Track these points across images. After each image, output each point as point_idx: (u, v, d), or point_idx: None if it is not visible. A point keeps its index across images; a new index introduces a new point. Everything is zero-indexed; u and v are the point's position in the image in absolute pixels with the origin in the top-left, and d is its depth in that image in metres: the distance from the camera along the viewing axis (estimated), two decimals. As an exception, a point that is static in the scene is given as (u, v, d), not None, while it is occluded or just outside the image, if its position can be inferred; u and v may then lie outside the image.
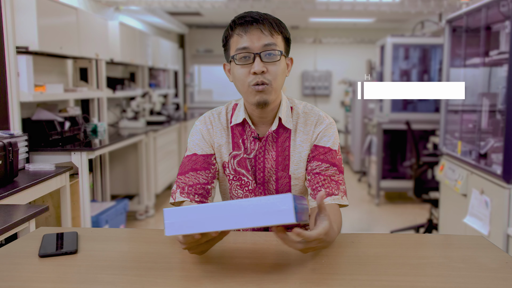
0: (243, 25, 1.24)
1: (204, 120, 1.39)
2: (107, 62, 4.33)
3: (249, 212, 0.93)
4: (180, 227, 0.95)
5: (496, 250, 1.15)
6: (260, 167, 1.33)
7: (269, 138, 1.33)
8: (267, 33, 1.23)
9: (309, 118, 1.35)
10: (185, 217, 0.95)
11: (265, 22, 1.23)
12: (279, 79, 1.26)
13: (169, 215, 0.96)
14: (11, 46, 2.63)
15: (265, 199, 0.93)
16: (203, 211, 0.95)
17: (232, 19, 1.27)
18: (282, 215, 0.91)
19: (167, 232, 0.96)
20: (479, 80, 2.94)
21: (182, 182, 1.31)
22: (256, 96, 1.24)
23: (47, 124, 3.08)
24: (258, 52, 1.22)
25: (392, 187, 5.02)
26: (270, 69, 1.23)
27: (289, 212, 0.91)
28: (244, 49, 1.23)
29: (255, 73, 1.22)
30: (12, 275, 0.99)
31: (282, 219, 0.91)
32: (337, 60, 7.96)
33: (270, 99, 1.26)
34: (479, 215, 2.62)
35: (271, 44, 1.23)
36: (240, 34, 1.24)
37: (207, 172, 1.32)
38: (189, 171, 1.32)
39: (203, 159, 1.33)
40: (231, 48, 1.27)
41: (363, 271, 1.01)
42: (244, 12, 1.27)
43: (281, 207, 0.91)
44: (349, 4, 4.69)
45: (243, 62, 1.24)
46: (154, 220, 4.39)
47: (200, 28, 7.82)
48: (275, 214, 0.91)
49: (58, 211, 2.80)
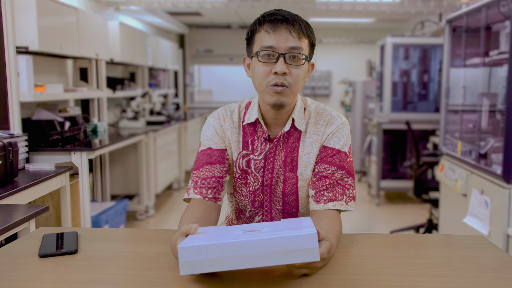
0: (273, 22, 1.21)
1: (217, 116, 1.36)
2: (107, 62, 4.33)
3: (271, 250, 0.87)
4: (196, 266, 0.89)
5: (496, 250, 1.15)
6: (269, 167, 1.31)
7: (280, 139, 1.30)
8: (295, 35, 1.20)
9: (320, 118, 1.32)
10: (201, 255, 0.89)
11: (295, 24, 1.21)
12: (300, 83, 1.23)
13: (184, 253, 0.89)
14: (11, 46, 2.63)
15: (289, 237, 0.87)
16: (221, 249, 0.88)
17: (262, 14, 1.24)
18: (307, 254, 0.87)
19: (182, 271, 0.90)
20: (479, 80, 2.94)
21: (196, 176, 1.29)
22: (273, 97, 1.21)
23: (47, 124, 3.08)
24: (284, 53, 1.19)
25: (392, 187, 5.02)
26: (292, 72, 1.21)
27: (314, 251, 0.87)
28: (270, 47, 1.20)
29: (276, 73, 1.20)
30: (12, 275, 0.99)
31: (306, 257, 0.87)
32: (337, 60, 7.96)
33: (287, 102, 1.23)
34: (479, 215, 2.62)
35: (298, 47, 1.20)
36: (268, 31, 1.21)
37: (222, 166, 1.30)
38: (204, 164, 1.30)
39: (218, 153, 1.31)
40: (255, 43, 1.24)
41: (363, 271, 1.01)
42: (275, 9, 1.24)
43: (306, 246, 0.87)
44: (349, 4, 4.69)
45: (266, 60, 1.21)
46: (154, 220, 4.39)
47: (200, 28, 7.82)
48: (299, 253, 0.87)
49: (58, 211, 2.80)
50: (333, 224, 1.17)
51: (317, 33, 7.89)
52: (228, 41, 7.73)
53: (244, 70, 1.32)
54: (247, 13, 6.30)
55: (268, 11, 1.24)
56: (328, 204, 1.23)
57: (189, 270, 0.90)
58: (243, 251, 0.88)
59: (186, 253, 0.89)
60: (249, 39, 1.27)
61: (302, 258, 0.87)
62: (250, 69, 1.28)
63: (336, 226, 1.17)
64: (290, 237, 0.87)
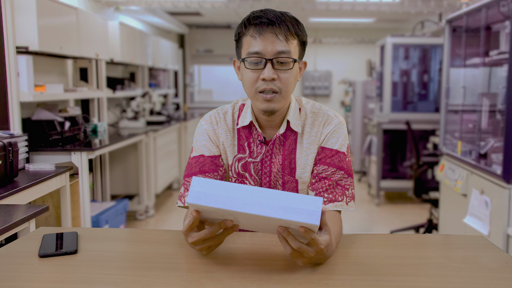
0: (258, 26, 1.16)
1: (210, 120, 1.32)
2: (107, 62, 4.33)
3: (277, 203, 0.91)
4: (205, 198, 0.93)
5: (496, 250, 1.15)
6: (267, 171, 1.28)
7: (276, 141, 1.27)
8: (282, 38, 1.15)
9: (317, 119, 1.29)
10: (213, 190, 0.93)
11: (281, 26, 1.15)
12: (291, 86, 1.20)
13: (197, 184, 0.94)
14: (11, 46, 2.63)
15: (296, 195, 0.92)
16: (232, 189, 0.93)
17: (247, 16, 1.20)
18: (309, 216, 0.91)
19: (189, 199, 0.93)
20: (479, 80, 2.94)
21: (189, 183, 1.27)
22: (263, 104, 1.19)
23: (47, 124, 3.08)
24: (271, 58, 1.15)
25: (392, 187, 5.02)
26: (281, 77, 1.17)
27: (316, 215, 0.90)
28: (256, 53, 1.16)
29: (265, 79, 1.16)
30: (12, 275, 0.99)
31: (307, 219, 0.91)
32: (337, 60, 7.97)
33: (277, 108, 1.20)
34: (479, 215, 2.62)
35: (286, 51, 1.16)
36: (253, 36, 1.17)
37: (216, 174, 1.27)
38: (197, 173, 1.27)
39: (211, 161, 1.28)
40: (243, 47, 1.20)
41: (363, 271, 1.01)
42: (260, 10, 1.19)
43: (310, 208, 0.91)
44: (349, 4, 4.69)
45: (254, 66, 1.17)
46: (154, 220, 4.39)
47: (200, 28, 7.83)
48: (302, 213, 0.91)
49: (58, 211, 2.80)
50: (333, 224, 1.16)
51: (317, 33, 7.91)
52: (228, 41, 7.73)
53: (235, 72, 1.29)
54: (247, 13, 6.24)
55: (254, 13, 1.19)
56: (328, 205, 1.22)
57: (196, 200, 0.93)
58: (251, 196, 0.92)
59: (199, 184, 0.94)
60: (237, 41, 1.23)
61: (303, 218, 0.91)
62: (240, 73, 1.25)
63: (335, 226, 1.16)
64: (298, 195, 0.92)
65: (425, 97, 5.05)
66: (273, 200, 0.92)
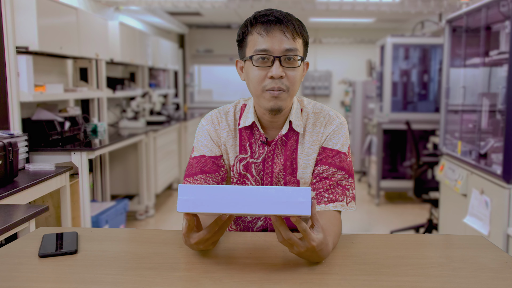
0: (265, 24, 1.16)
1: (211, 120, 1.32)
2: (107, 62, 4.33)
3: (266, 200, 0.92)
4: (193, 205, 0.93)
5: (496, 250, 1.15)
6: (268, 171, 1.28)
7: (278, 142, 1.27)
8: (289, 36, 1.16)
9: (319, 119, 1.29)
10: (200, 195, 0.93)
11: (288, 24, 1.16)
12: (297, 85, 1.20)
13: (184, 191, 0.94)
14: (11, 46, 2.63)
15: (284, 189, 0.93)
16: (219, 192, 0.93)
17: (253, 15, 1.20)
18: (299, 207, 0.91)
19: (179, 208, 0.93)
20: (479, 80, 2.94)
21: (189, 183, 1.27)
22: (270, 102, 1.18)
23: (47, 124, 3.08)
24: (279, 56, 1.15)
25: (392, 187, 5.02)
26: (288, 75, 1.17)
27: (306, 205, 0.91)
28: (264, 51, 1.15)
29: (272, 77, 1.16)
30: (12, 275, 0.99)
31: (298, 210, 0.91)
32: (337, 60, 7.96)
33: (284, 106, 1.20)
34: (479, 215, 2.62)
35: (293, 49, 1.16)
36: (261, 34, 1.16)
37: (217, 174, 1.27)
38: (198, 173, 1.27)
39: (212, 161, 1.28)
40: (248, 46, 1.19)
41: (363, 271, 1.01)
42: (266, 9, 1.19)
43: (299, 199, 0.91)
44: (349, 4, 4.69)
45: (261, 64, 1.17)
46: (154, 220, 4.39)
47: (200, 28, 7.82)
48: (292, 205, 0.91)
49: (58, 211, 2.80)
50: (332, 225, 1.16)
51: (317, 33, 7.91)
52: (228, 41, 7.72)
53: (238, 73, 1.28)
54: (247, 13, 6.28)
55: (259, 12, 1.19)
56: (328, 205, 1.22)
57: (185, 208, 0.93)
58: (239, 196, 0.93)
59: (186, 192, 0.94)
60: (241, 41, 1.22)
61: (294, 211, 0.92)
62: (244, 72, 1.24)
63: (334, 227, 1.16)
64: (285, 188, 0.93)
65: (425, 97, 5.05)
66: (261, 197, 0.92)
